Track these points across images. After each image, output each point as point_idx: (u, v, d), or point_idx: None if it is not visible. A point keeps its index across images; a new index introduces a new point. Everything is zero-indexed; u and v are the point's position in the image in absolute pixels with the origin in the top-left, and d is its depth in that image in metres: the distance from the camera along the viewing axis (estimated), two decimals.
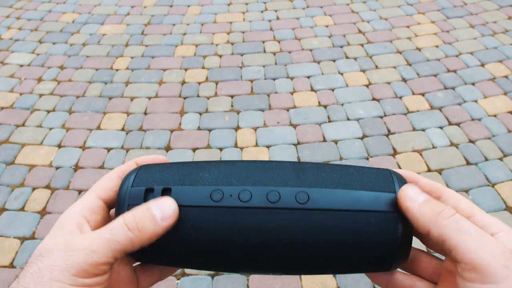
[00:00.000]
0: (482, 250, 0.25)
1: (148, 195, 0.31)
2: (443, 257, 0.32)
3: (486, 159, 1.64)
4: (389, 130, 1.79)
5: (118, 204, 0.31)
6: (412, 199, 0.29)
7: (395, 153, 1.69)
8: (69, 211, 0.31)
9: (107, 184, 0.33)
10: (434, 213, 0.27)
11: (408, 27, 2.45)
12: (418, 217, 0.28)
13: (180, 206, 0.30)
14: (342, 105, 1.93)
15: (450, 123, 1.81)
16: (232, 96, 2.00)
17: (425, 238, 0.31)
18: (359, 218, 0.29)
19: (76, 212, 0.31)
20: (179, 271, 1.32)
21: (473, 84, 2.00)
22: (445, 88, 1.99)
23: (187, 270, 1.33)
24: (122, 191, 0.31)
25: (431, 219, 0.27)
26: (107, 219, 0.32)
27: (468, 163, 1.63)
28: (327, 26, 2.49)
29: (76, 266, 0.26)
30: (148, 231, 0.28)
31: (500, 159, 1.64)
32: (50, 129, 1.85)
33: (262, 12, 2.67)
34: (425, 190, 0.31)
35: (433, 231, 0.27)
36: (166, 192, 0.31)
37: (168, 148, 1.74)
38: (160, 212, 0.29)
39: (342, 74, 2.12)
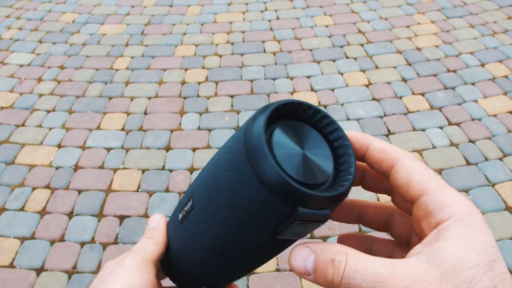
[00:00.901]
0: None
1: None
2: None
3: (486, 159, 1.64)
4: (389, 130, 1.79)
5: None
6: (304, 273, 0.25)
7: None
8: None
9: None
10: (328, 283, 0.24)
11: (408, 27, 2.45)
12: (321, 286, 0.25)
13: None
14: (342, 105, 1.93)
15: (450, 123, 1.81)
16: (232, 96, 2.00)
17: None
18: None
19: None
20: None
21: (473, 84, 2.00)
22: (445, 88, 1.99)
23: None
24: None
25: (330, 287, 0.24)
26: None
27: (468, 163, 1.63)
28: (327, 26, 2.49)
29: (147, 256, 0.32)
30: (155, 233, 0.35)
31: (500, 159, 1.64)
32: (50, 129, 1.85)
33: (262, 12, 2.67)
34: (376, 158, 0.28)
35: None
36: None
37: (168, 148, 1.74)
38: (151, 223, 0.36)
39: (342, 74, 2.12)
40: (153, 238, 0.34)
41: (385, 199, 1.37)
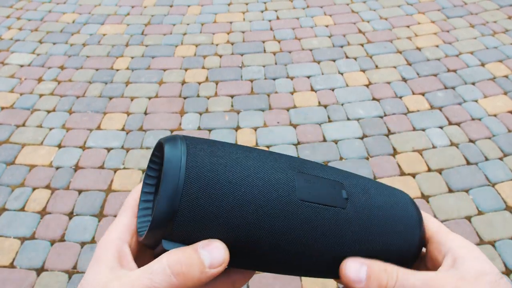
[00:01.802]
0: None
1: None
2: None
3: (486, 159, 1.63)
4: (389, 130, 1.79)
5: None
6: (355, 281, 0.29)
7: (395, 153, 1.69)
8: (108, 237, 0.29)
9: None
10: (380, 287, 0.29)
11: (408, 26, 2.45)
12: None
13: None
14: (342, 105, 1.93)
15: (450, 123, 1.81)
16: (232, 96, 2.00)
17: None
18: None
19: (115, 239, 0.28)
20: None
21: (473, 83, 2.00)
22: (445, 88, 1.99)
23: None
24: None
25: None
26: None
27: (468, 163, 1.63)
28: (327, 26, 2.49)
29: None
30: (193, 279, 0.25)
31: (500, 158, 1.64)
32: (50, 129, 1.85)
33: (262, 12, 2.67)
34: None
35: None
36: None
37: None
38: (209, 259, 0.26)
39: (342, 74, 2.12)
40: None
41: None
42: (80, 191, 1.58)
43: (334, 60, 2.21)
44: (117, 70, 2.20)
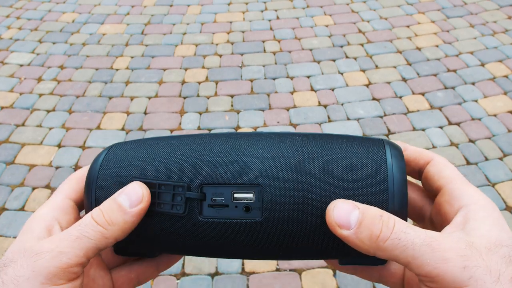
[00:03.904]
0: (434, 261, 0.23)
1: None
2: None
3: (486, 159, 1.64)
4: (389, 130, 1.79)
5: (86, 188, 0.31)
6: (343, 226, 0.25)
7: None
8: (37, 213, 0.29)
9: (76, 185, 0.31)
10: (372, 239, 0.24)
11: (408, 26, 2.45)
12: (359, 245, 0.25)
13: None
14: (342, 104, 1.93)
15: (450, 123, 1.81)
16: (232, 96, 2.00)
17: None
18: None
19: (45, 214, 0.29)
20: (179, 270, 1.32)
21: (473, 83, 2.00)
22: (445, 88, 1.99)
23: (187, 270, 1.33)
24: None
25: (372, 246, 0.24)
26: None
27: (468, 163, 1.63)
28: (327, 26, 2.49)
29: (43, 272, 0.24)
30: (119, 222, 0.26)
31: (500, 159, 1.64)
32: (50, 129, 1.85)
33: (262, 11, 2.67)
34: (413, 157, 0.32)
35: (379, 255, 0.24)
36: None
37: None
38: (127, 200, 0.27)
39: (342, 74, 2.12)
40: None
41: None
42: None
43: (334, 60, 2.21)
44: (117, 69, 2.20)
